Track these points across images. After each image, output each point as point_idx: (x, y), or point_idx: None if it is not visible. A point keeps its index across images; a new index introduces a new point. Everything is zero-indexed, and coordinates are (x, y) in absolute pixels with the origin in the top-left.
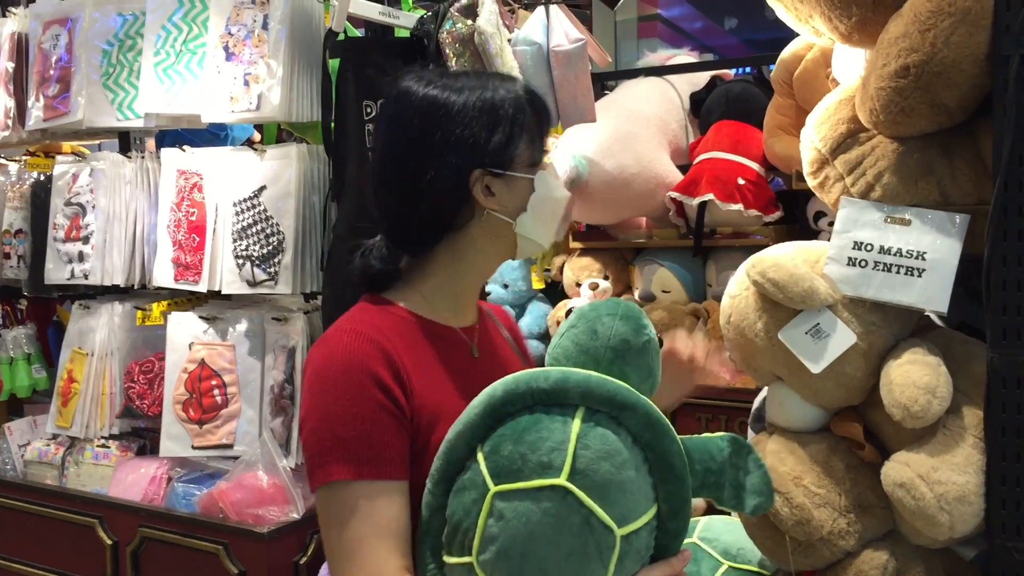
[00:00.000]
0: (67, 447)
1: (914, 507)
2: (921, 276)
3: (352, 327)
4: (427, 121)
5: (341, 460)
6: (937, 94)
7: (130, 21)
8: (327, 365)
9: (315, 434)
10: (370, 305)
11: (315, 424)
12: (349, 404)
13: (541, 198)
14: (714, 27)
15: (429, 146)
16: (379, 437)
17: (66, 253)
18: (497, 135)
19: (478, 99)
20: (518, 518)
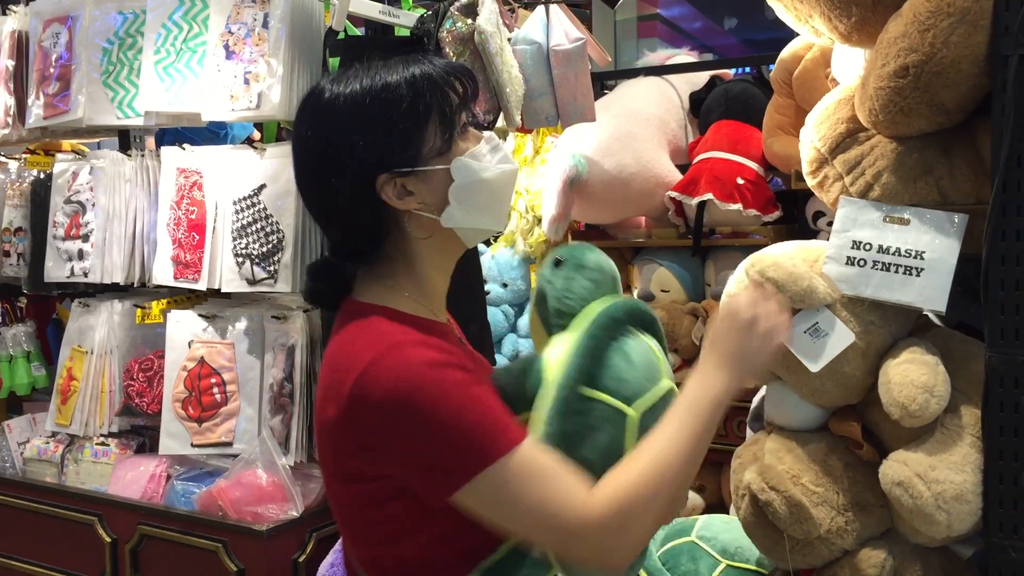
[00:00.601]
0: (66, 445)
1: (912, 506)
2: (920, 275)
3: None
4: (317, 135)
5: (491, 440)
6: (936, 94)
7: (130, 19)
8: (408, 378)
9: (450, 432)
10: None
11: (443, 428)
12: (458, 395)
13: (463, 187)
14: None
15: (326, 163)
16: (500, 407)
17: (66, 251)
18: (392, 131)
19: (364, 96)
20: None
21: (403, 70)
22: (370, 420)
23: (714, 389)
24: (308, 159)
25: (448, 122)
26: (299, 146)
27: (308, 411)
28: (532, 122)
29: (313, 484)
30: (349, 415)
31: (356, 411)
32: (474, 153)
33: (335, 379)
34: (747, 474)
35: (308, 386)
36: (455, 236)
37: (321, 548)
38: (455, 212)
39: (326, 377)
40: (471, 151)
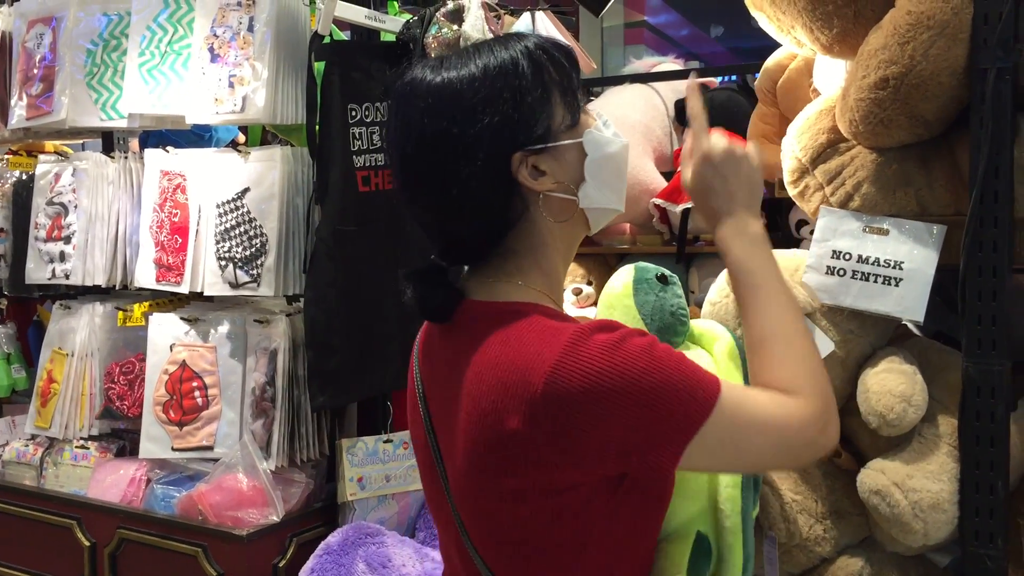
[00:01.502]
0: (46, 448)
1: (889, 514)
2: (898, 285)
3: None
4: (436, 122)
5: (694, 399)
6: (915, 106)
7: (115, 21)
8: (601, 374)
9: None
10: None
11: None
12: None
13: (597, 160)
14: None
15: (451, 150)
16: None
17: (47, 253)
18: (521, 107)
19: (484, 75)
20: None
21: (515, 46)
22: (575, 415)
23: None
24: (427, 151)
25: (572, 95)
26: (411, 139)
27: (290, 415)
28: None
29: (294, 489)
30: (545, 418)
31: (554, 411)
32: (599, 127)
33: (513, 385)
34: None
35: (290, 390)
36: (585, 220)
37: (301, 553)
38: (590, 190)
39: (494, 388)
40: (595, 124)
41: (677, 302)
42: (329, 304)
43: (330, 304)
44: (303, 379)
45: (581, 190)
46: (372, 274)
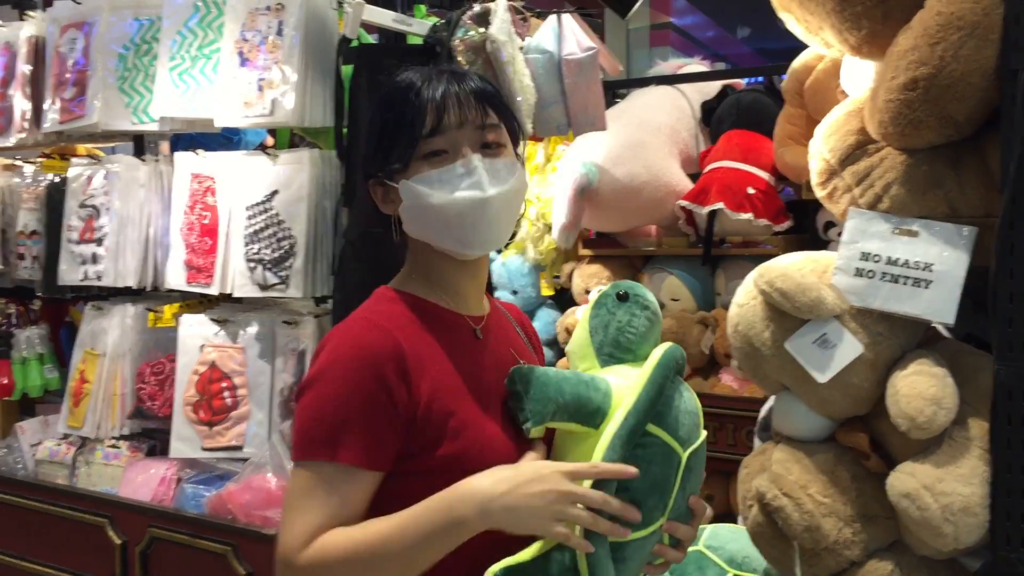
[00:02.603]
0: (78, 447)
1: (919, 518)
2: (928, 287)
3: (371, 317)
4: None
5: (321, 440)
6: (945, 107)
7: (146, 26)
8: (340, 347)
9: (307, 408)
10: (384, 297)
11: (310, 398)
12: (343, 389)
13: (410, 207)
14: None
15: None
16: (362, 426)
17: (80, 254)
18: (371, 140)
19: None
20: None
21: (396, 87)
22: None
23: (463, 521)
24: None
25: (404, 143)
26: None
27: None
28: (543, 131)
29: None
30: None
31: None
32: (424, 178)
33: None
34: (757, 481)
35: None
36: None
37: None
38: (412, 228)
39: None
40: (422, 176)
41: (628, 320)
42: (356, 306)
43: (357, 306)
44: None
45: (405, 224)
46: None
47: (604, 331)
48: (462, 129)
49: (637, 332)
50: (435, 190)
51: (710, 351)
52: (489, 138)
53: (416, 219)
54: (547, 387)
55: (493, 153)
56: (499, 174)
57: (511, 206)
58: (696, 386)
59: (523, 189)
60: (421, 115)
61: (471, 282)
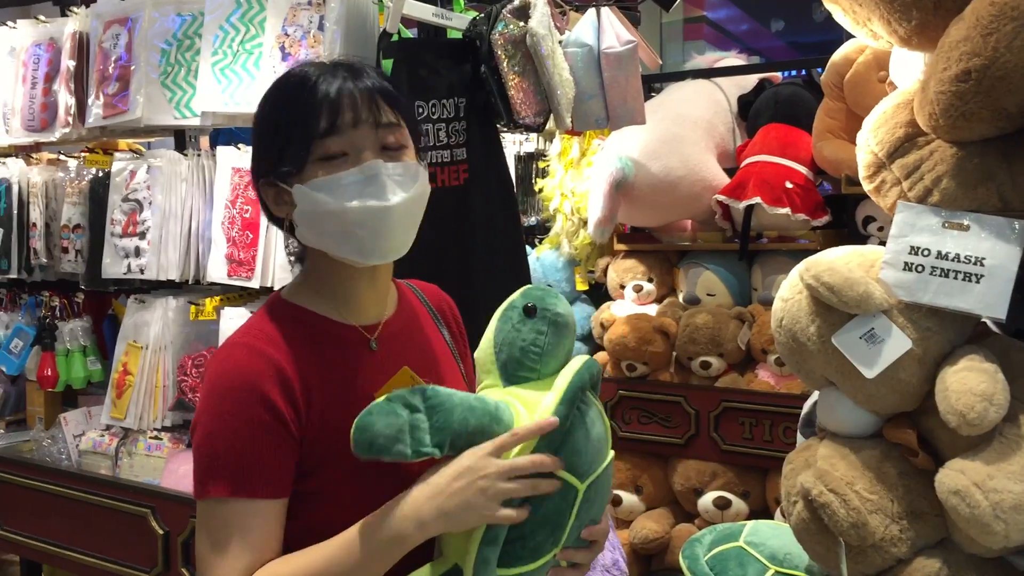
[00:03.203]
0: (121, 438)
1: (969, 515)
2: (979, 282)
3: (249, 341)
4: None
5: (219, 477)
6: (999, 99)
7: (188, 21)
8: (218, 378)
9: (200, 447)
10: (270, 312)
11: (200, 436)
12: (230, 421)
13: (305, 212)
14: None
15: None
16: (257, 457)
17: (123, 248)
18: (257, 138)
19: (263, 100)
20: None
21: (281, 79)
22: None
23: (402, 537)
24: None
25: (297, 144)
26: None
27: None
28: (582, 124)
29: None
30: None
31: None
32: (320, 183)
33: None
34: (803, 477)
35: None
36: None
37: None
38: (303, 232)
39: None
40: (318, 180)
41: (532, 338)
42: None
43: None
44: None
45: (298, 230)
46: (438, 269)
47: (508, 348)
48: (359, 129)
49: (543, 351)
50: (332, 197)
51: (746, 347)
52: (389, 139)
53: (311, 226)
54: (451, 415)
55: (394, 156)
56: (401, 179)
57: (414, 213)
58: (732, 382)
59: (426, 193)
60: (315, 113)
61: (368, 289)
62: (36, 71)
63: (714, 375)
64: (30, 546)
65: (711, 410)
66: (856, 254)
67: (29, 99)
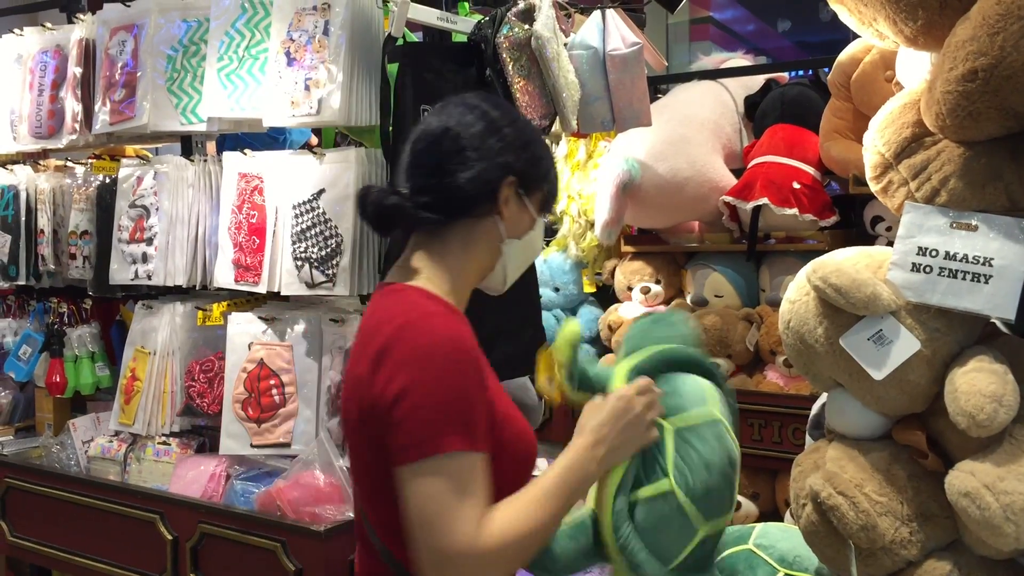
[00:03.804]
0: (129, 444)
1: (979, 517)
2: (988, 283)
3: (442, 310)
4: (501, 116)
5: (453, 433)
6: (1006, 98)
7: (194, 27)
8: (433, 344)
9: (422, 407)
10: (428, 297)
11: (421, 396)
12: (459, 382)
13: (530, 240)
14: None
15: (492, 133)
16: (478, 415)
17: (130, 254)
18: (538, 158)
19: (531, 129)
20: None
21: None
22: (388, 371)
23: (588, 470)
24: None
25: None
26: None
27: None
28: (588, 127)
29: None
30: (374, 366)
31: (380, 362)
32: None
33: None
34: (812, 480)
35: None
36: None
37: None
38: (511, 250)
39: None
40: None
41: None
42: None
43: None
44: None
45: (506, 242)
46: None
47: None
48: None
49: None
50: (539, 238)
51: (755, 348)
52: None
53: (522, 249)
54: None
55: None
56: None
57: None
58: (741, 383)
59: None
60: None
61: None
62: (43, 78)
63: None
64: (39, 552)
65: None
66: (864, 255)
67: (36, 106)
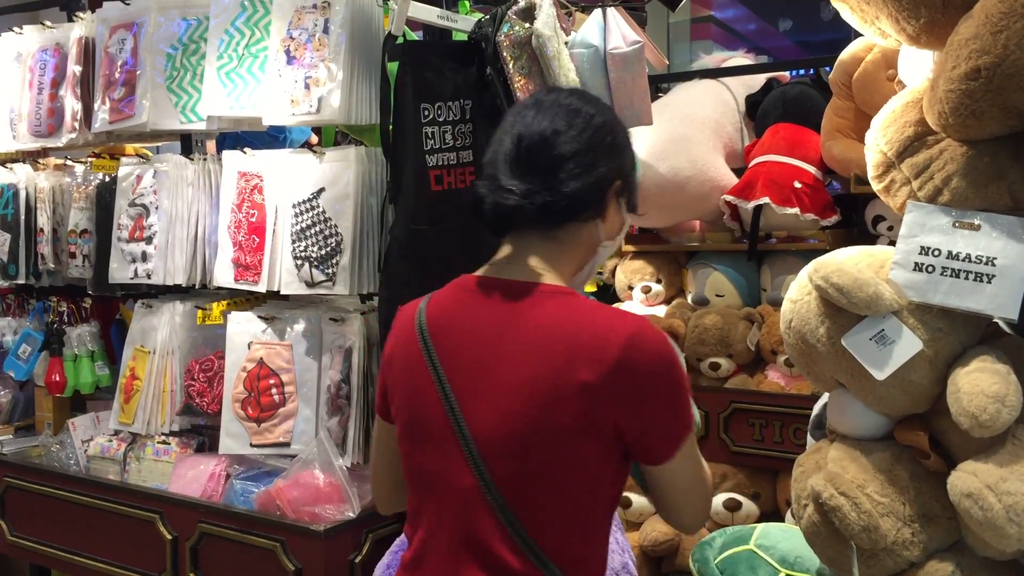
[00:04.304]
0: (129, 443)
1: (982, 518)
2: (991, 282)
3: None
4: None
5: (689, 415)
6: (1009, 97)
7: (194, 25)
8: (675, 352)
9: (684, 392)
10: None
11: (681, 383)
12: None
13: (618, 241)
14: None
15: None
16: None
17: (130, 253)
18: (634, 160)
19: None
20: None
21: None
22: (637, 381)
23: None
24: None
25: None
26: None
27: (365, 413)
28: None
29: (369, 485)
30: (614, 376)
31: (624, 373)
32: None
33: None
34: (813, 480)
35: (365, 388)
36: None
37: (377, 549)
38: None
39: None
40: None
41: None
42: (403, 303)
43: (404, 303)
44: (377, 377)
45: (602, 246)
46: (445, 273)
47: None
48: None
49: None
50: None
51: (756, 347)
52: None
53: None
54: None
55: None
56: None
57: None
58: (742, 383)
59: None
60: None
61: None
62: (43, 76)
63: (723, 376)
64: (39, 551)
65: (721, 411)
66: (866, 254)
67: (36, 104)
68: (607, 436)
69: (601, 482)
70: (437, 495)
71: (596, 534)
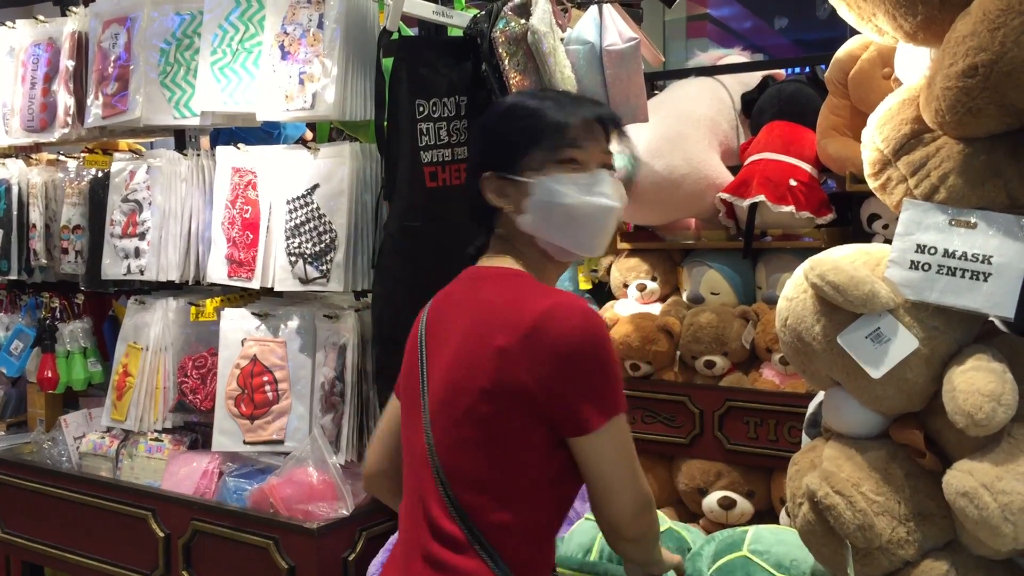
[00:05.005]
0: (121, 440)
1: (977, 517)
2: (987, 280)
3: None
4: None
5: (622, 400)
6: (1006, 94)
7: (187, 20)
8: (600, 328)
9: (612, 375)
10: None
11: (608, 364)
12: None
13: (537, 203)
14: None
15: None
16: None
17: (123, 249)
18: (506, 141)
19: (502, 111)
20: None
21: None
22: (548, 347)
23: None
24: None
25: (554, 146)
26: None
27: (358, 410)
28: None
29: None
30: (526, 341)
31: (534, 342)
32: (560, 179)
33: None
34: (808, 479)
35: (359, 385)
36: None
37: (370, 547)
38: (526, 221)
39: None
40: (557, 176)
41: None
42: (397, 299)
43: (398, 299)
44: (371, 374)
45: (521, 218)
46: (440, 269)
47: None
48: (592, 148)
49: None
50: (570, 191)
51: (751, 345)
52: (609, 160)
53: (543, 215)
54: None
55: (611, 173)
56: (618, 191)
57: (617, 222)
58: (736, 381)
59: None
60: (563, 126)
61: (554, 282)
62: (35, 71)
63: (718, 374)
64: (31, 548)
65: (715, 409)
66: (862, 252)
67: (28, 99)
68: (521, 400)
69: (527, 450)
70: (407, 462)
71: (525, 504)
